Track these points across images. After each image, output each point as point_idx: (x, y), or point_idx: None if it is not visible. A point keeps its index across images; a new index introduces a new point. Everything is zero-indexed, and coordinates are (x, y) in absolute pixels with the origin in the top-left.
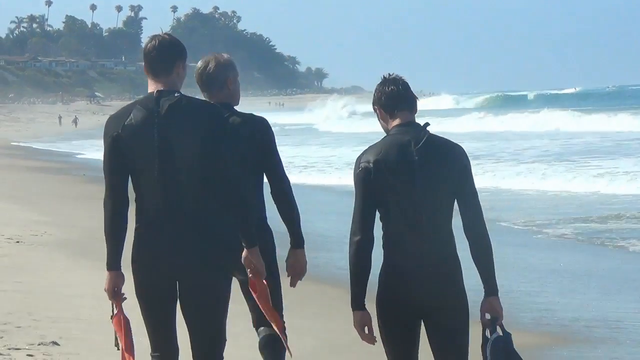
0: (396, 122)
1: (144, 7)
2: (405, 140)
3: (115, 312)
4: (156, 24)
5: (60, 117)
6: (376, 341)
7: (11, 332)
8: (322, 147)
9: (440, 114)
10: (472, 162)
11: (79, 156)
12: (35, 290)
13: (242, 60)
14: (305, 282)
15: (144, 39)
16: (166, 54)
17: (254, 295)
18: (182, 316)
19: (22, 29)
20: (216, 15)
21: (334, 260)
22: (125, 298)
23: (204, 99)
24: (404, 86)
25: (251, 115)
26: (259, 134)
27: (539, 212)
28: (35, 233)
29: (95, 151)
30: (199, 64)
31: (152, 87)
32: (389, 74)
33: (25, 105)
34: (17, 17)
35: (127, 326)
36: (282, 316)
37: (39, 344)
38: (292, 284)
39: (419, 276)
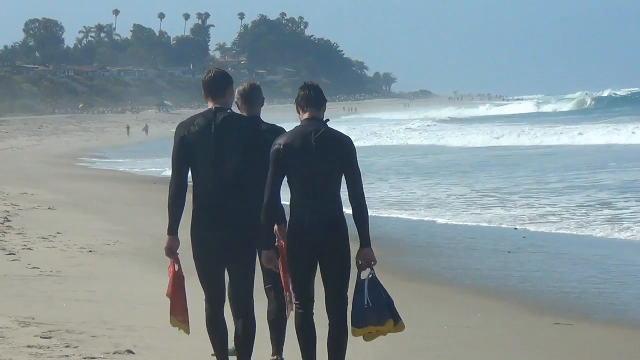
0: (305, 115)
1: (212, 15)
2: (308, 131)
3: (171, 265)
4: (223, 31)
5: (128, 127)
6: (278, 270)
7: (86, 341)
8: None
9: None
10: None
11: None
12: (109, 299)
13: (309, 66)
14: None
15: (212, 46)
16: (220, 82)
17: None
18: (227, 272)
19: (90, 38)
20: (283, 21)
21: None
22: (178, 254)
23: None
24: (315, 91)
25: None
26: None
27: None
28: (108, 242)
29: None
30: (244, 86)
31: (210, 105)
32: (309, 82)
33: (94, 114)
34: (85, 27)
35: (179, 278)
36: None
37: (114, 353)
38: None
39: (314, 228)
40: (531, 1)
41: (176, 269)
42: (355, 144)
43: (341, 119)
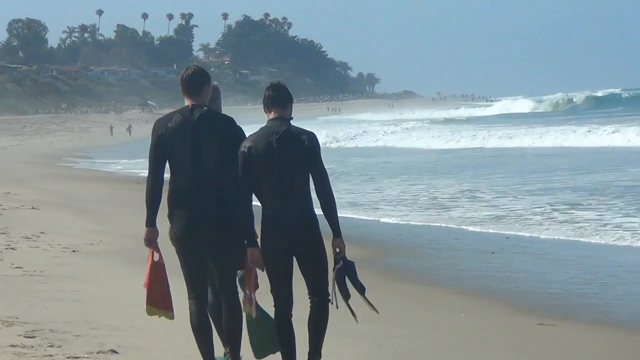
0: (271, 115)
1: (195, 15)
2: (271, 132)
3: (151, 255)
4: (207, 31)
5: (111, 127)
6: (263, 269)
7: (70, 341)
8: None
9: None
10: None
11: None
12: (93, 299)
13: (293, 66)
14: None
15: (196, 46)
16: (197, 80)
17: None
18: (210, 262)
19: (73, 38)
20: (267, 22)
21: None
22: (157, 244)
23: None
24: (280, 91)
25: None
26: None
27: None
28: (91, 242)
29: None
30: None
31: (187, 102)
32: (276, 82)
33: (78, 114)
34: (68, 27)
35: (158, 268)
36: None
37: (97, 352)
38: None
39: (284, 226)
40: (516, 2)
41: (156, 259)
42: (338, 144)
43: (322, 120)
